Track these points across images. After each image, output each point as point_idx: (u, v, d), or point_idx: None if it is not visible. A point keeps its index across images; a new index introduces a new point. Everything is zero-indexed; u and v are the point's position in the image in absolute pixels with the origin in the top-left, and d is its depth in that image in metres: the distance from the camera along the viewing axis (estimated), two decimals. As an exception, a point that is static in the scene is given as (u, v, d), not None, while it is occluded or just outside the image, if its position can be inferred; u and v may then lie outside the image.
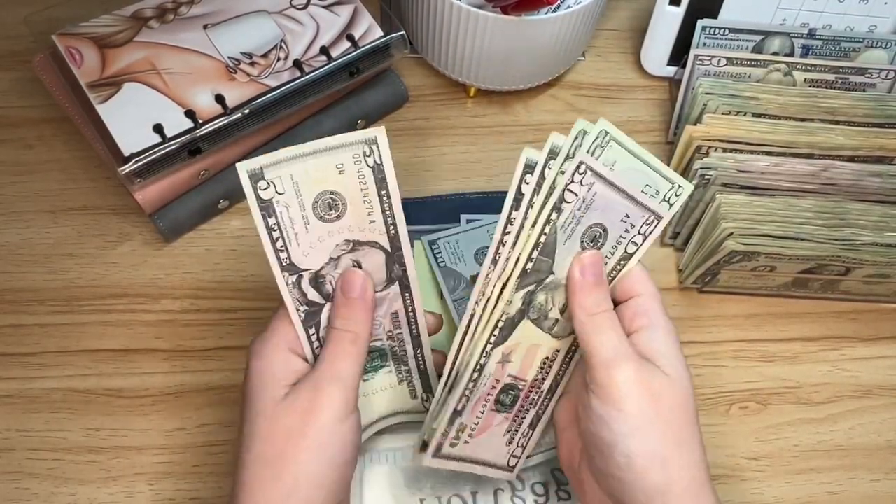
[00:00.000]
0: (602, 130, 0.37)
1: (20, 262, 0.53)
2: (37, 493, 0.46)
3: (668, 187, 0.39)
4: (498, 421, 0.41)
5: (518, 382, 0.41)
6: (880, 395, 0.52)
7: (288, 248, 0.38)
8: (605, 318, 0.37)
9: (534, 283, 0.38)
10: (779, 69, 0.56)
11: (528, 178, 0.37)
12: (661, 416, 0.35)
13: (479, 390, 0.40)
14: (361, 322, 0.39)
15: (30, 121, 0.59)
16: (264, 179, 0.37)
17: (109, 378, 0.50)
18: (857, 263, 0.49)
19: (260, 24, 0.54)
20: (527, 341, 0.40)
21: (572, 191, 0.36)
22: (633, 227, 0.38)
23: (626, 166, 0.38)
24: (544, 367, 0.41)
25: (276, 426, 0.36)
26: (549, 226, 0.37)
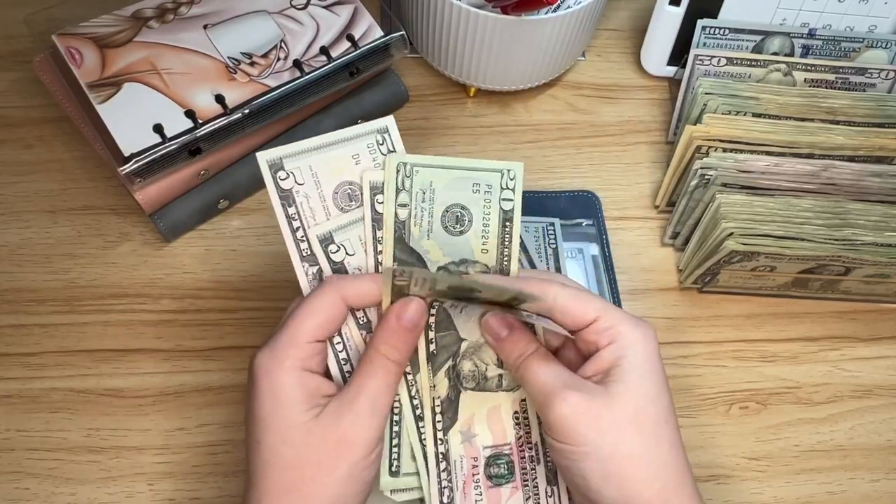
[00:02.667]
0: (399, 164, 0.38)
1: (20, 262, 0.53)
2: (37, 493, 0.46)
3: (497, 177, 0.39)
4: (507, 495, 0.39)
5: (501, 449, 0.39)
6: (880, 395, 0.52)
7: (308, 239, 0.38)
8: (529, 362, 0.37)
9: (449, 358, 0.38)
10: (779, 69, 0.56)
11: (379, 198, 0.38)
12: (605, 437, 0.35)
13: (458, 477, 0.38)
14: (407, 353, 0.37)
15: (30, 121, 0.59)
16: (284, 170, 0.38)
17: (109, 378, 0.50)
18: (857, 263, 0.49)
19: (260, 24, 0.55)
20: (481, 409, 0.39)
21: (417, 293, 0.36)
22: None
23: (445, 182, 0.38)
24: (519, 422, 0.40)
25: (305, 454, 0.35)
26: (434, 308, 0.38)
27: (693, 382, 0.51)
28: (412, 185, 0.38)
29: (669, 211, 0.56)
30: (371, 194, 0.38)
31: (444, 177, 0.38)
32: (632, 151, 0.60)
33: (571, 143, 0.61)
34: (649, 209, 0.58)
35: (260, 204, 0.57)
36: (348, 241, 0.39)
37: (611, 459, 0.35)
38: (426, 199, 0.38)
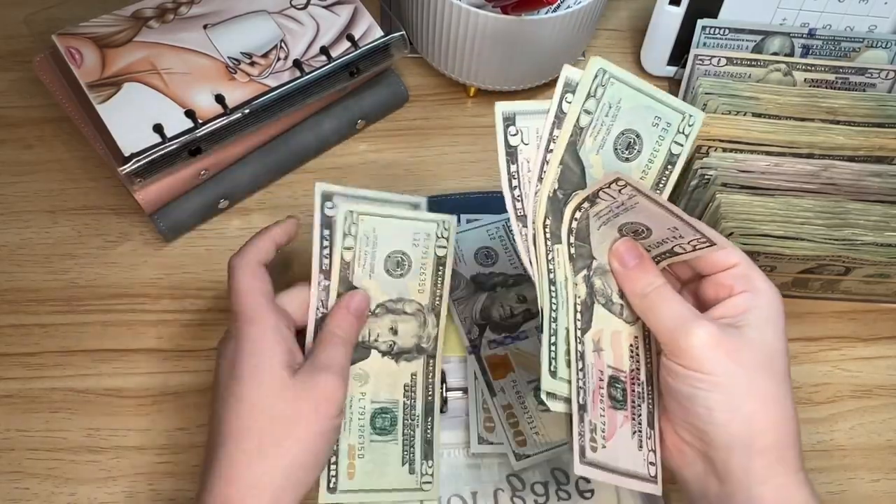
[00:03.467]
0: (599, 69, 0.37)
1: (20, 262, 0.53)
2: (37, 493, 0.46)
3: (678, 118, 0.39)
4: (620, 420, 0.39)
5: (619, 374, 0.39)
6: (880, 395, 0.52)
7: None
8: (660, 293, 0.37)
9: (584, 268, 0.38)
10: (779, 69, 0.56)
11: (568, 97, 0.38)
12: (743, 372, 0.35)
13: (589, 382, 0.38)
14: (355, 335, 0.43)
15: (30, 121, 0.59)
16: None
17: (109, 378, 0.50)
18: (857, 263, 0.49)
19: (260, 24, 0.55)
20: (608, 327, 0.39)
21: (608, 194, 0.36)
22: (681, 238, 0.37)
23: (632, 104, 0.38)
24: (633, 356, 0.40)
25: (284, 408, 0.38)
26: (581, 212, 0.37)
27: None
28: (602, 95, 0.38)
29: (669, 211, 0.56)
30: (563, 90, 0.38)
31: (634, 99, 0.39)
32: (632, 151, 0.60)
33: (571, 143, 0.60)
34: (649, 209, 0.58)
35: (260, 204, 0.57)
36: (527, 128, 0.40)
37: (745, 395, 0.35)
38: (610, 114, 0.38)
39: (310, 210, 0.43)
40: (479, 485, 0.46)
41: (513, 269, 0.52)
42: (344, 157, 0.59)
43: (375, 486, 0.43)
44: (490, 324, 0.50)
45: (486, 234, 0.54)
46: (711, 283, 0.39)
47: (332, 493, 0.42)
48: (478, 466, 0.47)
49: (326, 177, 0.58)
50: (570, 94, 0.38)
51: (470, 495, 0.46)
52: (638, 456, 0.39)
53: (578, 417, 0.37)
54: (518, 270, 0.52)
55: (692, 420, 0.36)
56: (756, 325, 0.36)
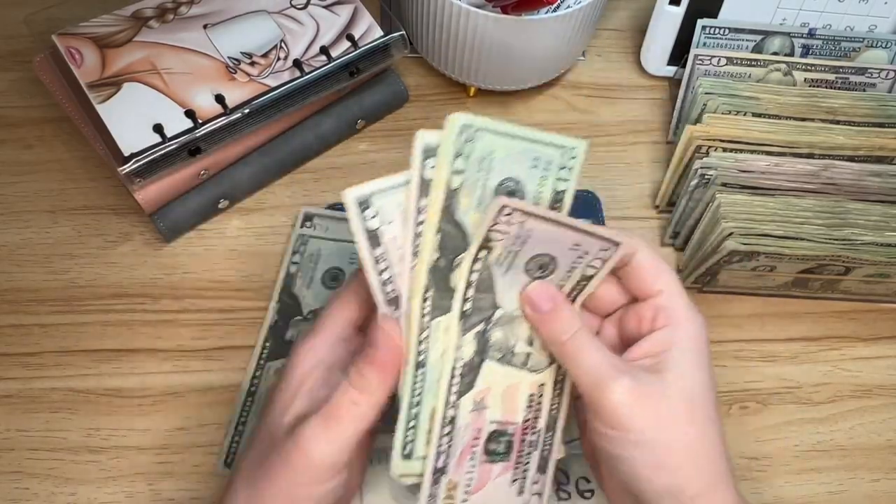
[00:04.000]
0: (462, 126, 0.34)
1: (20, 262, 0.53)
2: (37, 493, 0.46)
3: (558, 154, 0.37)
4: (497, 472, 0.38)
5: (507, 427, 0.38)
6: (880, 395, 0.52)
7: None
8: (576, 343, 0.36)
9: (481, 322, 0.37)
10: (779, 69, 0.56)
11: (430, 163, 0.35)
12: (662, 427, 0.34)
13: (459, 443, 0.37)
14: (376, 383, 0.35)
15: (30, 121, 0.59)
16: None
17: (109, 378, 0.50)
18: (857, 263, 0.49)
19: (260, 24, 0.55)
20: (500, 383, 0.38)
21: (499, 230, 0.34)
22: (586, 254, 0.36)
23: (505, 153, 0.36)
24: (533, 406, 0.39)
25: (267, 452, 0.35)
26: (479, 263, 0.35)
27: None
28: (472, 151, 0.35)
29: (669, 211, 0.56)
30: (423, 156, 0.35)
31: (506, 148, 0.36)
32: (632, 151, 0.60)
33: (571, 143, 0.60)
34: (649, 209, 0.58)
35: (260, 204, 0.57)
36: (388, 205, 0.35)
37: (666, 450, 0.34)
38: (483, 167, 0.36)
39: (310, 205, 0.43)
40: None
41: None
42: (344, 157, 0.59)
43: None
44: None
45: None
46: (634, 313, 0.37)
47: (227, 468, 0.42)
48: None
49: (327, 177, 0.58)
50: (431, 160, 0.35)
51: (470, 495, 0.46)
52: (515, 501, 0.39)
53: (432, 480, 0.36)
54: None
55: (620, 477, 0.36)
56: (676, 366, 0.35)
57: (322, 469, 0.34)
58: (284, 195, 0.57)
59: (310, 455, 0.34)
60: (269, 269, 0.54)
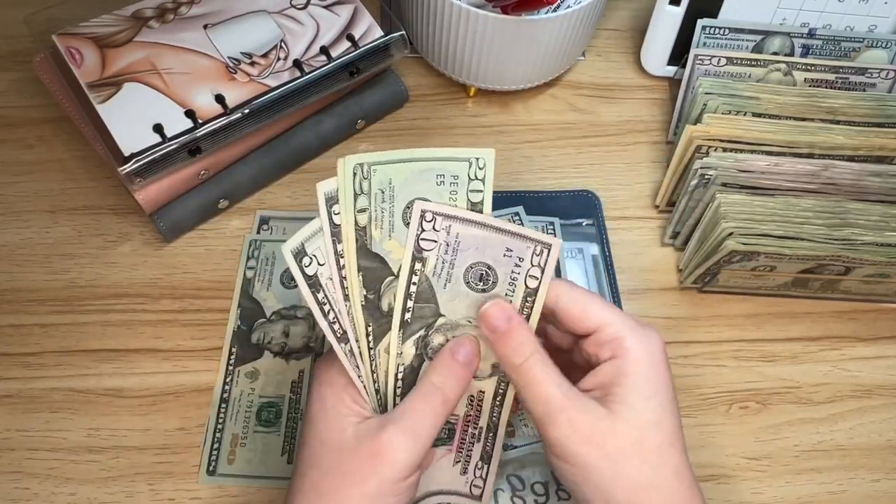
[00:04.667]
0: (356, 166, 0.35)
1: (20, 262, 0.53)
2: (37, 493, 0.46)
3: (465, 167, 0.37)
4: (440, 454, 0.40)
5: (449, 417, 0.39)
6: (880, 395, 0.52)
7: None
8: (529, 368, 0.36)
9: (422, 329, 0.37)
10: (779, 69, 0.56)
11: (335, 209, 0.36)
12: (609, 462, 0.34)
13: None
14: (457, 388, 0.37)
15: (30, 121, 0.59)
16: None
17: (109, 378, 0.50)
18: (857, 263, 0.49)
19: (260, 24, 0.55)
20: None
21: (427, 238, 0.35)
22: (522, 261, 0.36)
23: (404, 177, 0.36)
24: (473, 404, 0.40)
25: (338, 460, 0.35)
26: (417, 276, 0.36)
27: (693, 382, 0.51)
28: (370, 187, 0.36)
29: (669, 211, 0.56)
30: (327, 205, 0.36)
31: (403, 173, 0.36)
32: (632, 151, 0.60)
33: (571, 143, 0.61)
34: (649, 209, 0.58)
35: (260, 204, 0.57)
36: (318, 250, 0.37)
37: (614, 486, 0.34)
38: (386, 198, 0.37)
39: (306, 209, 0.43)
40: (478, 485, 0.46)
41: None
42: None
43: (255, 472, 0.46)
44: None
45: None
46: (581, 348, 0.37)
47: (211, 476, 0.44)
48: (478, 466, 0.47)
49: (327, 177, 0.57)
50: (335, 206, 0.36)
51: (470, 495, 0.46)
52: (460, 479, 0.40)
53: None
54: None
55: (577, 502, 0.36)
56: (624, 398, 0.35)
57: (406, 469, 0.35)
58: (284, 195, 0.57)
59: (396, 457, 0.34)
60: (269, 269, 0.54)
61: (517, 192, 0.57)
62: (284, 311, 0.51)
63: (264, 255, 0.53)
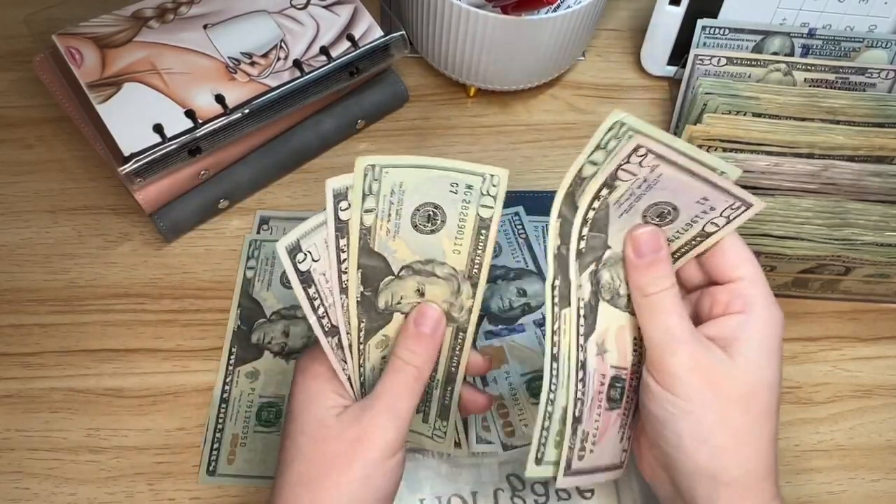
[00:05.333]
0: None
1: (20, 262, 0.53)
2: (37, 493, 0.46)
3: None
4: (613, 420, 0.38)
5: (621, 372, 0.38)
6: (880, 395, 0.52)
7: None
8: (661, 299, 0.36)
9: (593, 262, 0.37)
10: (779, 69, 0.56)
11: (342, 205, 0.36)
12: (718, 404, 0.34)
13: (590, 390, 0.37)
14: (428, 359, 0.37)
15: (30, 121, 0.59)
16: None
17: (109, 378, 0.50)
18: (857, 263, 0.49)
19: (260, 24, 0.55)
20: (613, 325, 0.38)
21: (628, 171, 0.34)
22: (712, 210, 0.36)
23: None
24: (636, 349, 0.39)
25: (321, 449, 0.35)
26: (599, 201, 0.35)
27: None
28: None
29: (669, 211, 0.56)
30: (335, 201, 0.36)
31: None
32: (632, 151, 0.60)
33: (571, 143, 0.60)
34: (649, 209, 0.58)
35: (260, 204, 0.57)
36: (314, 245, 0.37)
37: (713, 428, 0.34)
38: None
39: (306, 209, 0.43)
40: (479, 485, 0.46)
41: (515, 262, 0.52)
42: (344, 157, 0.59)
43: (255, 472, 0.46)
44: (488, 315, 0.50)
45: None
46: (709, 296, 0.37)
47: (211, 476, 0.44)
48: (478, 466, 0.47)
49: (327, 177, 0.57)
50: (343, 202, 0.36)
51: (470, 495, 0.46)
52: (618, 448, 0.39)
53: (571, 431, 0.36)
54: (520, 264, 0.52)
55: (662, 443, 0.35)
56: (746, 354, 0.35)
57: (390, 447, 0.35)
58: (284, 195, 0.57)
59: (378, 437, 0.35)
60: (269, 269, 0.54)
61: (517, 192, 0.57)
62: (284, 311, 0.51)
63: (264, 255, 0.53)
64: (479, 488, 0.46)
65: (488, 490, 0.46)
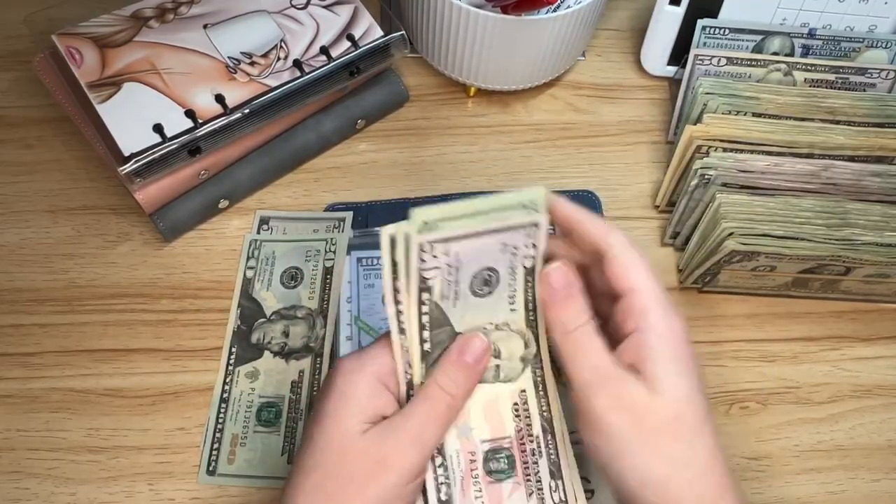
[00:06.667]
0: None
1: (20, 262, 0.53)
2: (37, 493, 0.46)
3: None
4: (509, 490, 0.37)
5: (500, 443, 0.38)
6: (880, 395, 0.52)
7: None
8: (581, 336, 0.35)
9: (443, 353, 0.37)
10: (779, 69, 0.56)
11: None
12: (645, 438, 0.33)
13: (455, 472, 0.37)
14: (465, 389, 0.36)
15: (30, 121, 0.59)
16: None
17: (109, 378, 0.50)
18: (857, 263, 0.49)
19: (260, 23, 0.55)
20: (477, 402, 0.38)
21: (428, 269, 0.34)
22: (516, 249, 0.36)
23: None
24: (518, 414, 0.38)
25: (343, 463, 0.35)
26: (426, 306, 0.35)
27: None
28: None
29: (669, 211, 0.56)
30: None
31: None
32: (632, 151, 0.60)
33: (571, 143, 0.61)
34: (649, 209, 0.58)
35: (260, 204, 0.57)
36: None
37: (651, 463, 0.33)
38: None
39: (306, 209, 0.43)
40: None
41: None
42: (344, 157, 0.59)
43: (255, 472, 0.46)
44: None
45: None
46: (616, 311, 0.36)
47: (210, 476, 0.46)
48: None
49: (327, 177, 0.58)
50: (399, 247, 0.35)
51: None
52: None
53: None
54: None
55: (612, 483, 0.35)
56: (658, 374, 0.34)
57: (409, 475, 0.34)
58: (284, 195, 0.57)
59: (399, 464, 0.34)
60: (269, 269, 0.54)
61: (517, 192, 0.57)
62: (284, 310, 0.51)
63: (264, 255, 0.53)
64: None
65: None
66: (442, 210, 0.34)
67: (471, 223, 0.35)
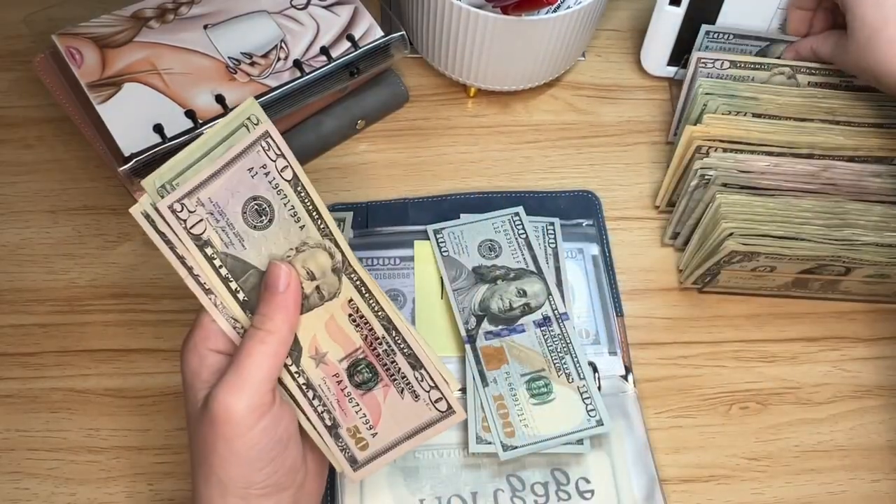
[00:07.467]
0: None
1: (20, 262, 0.53)
2: (37, 493, 0.46)
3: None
4: (381, 395, 0.39)
5: (355, 355, 0.39)
6: (880, 395, 0.52)
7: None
8: None
9: (256, 289, 0.37)
10: (782, 73, 0.56)
11: None
12: None
13: (329, 397, 0.39)
14: (282, 319, 0.36)
15: (30, 121, 0.59)
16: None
17: (109, 378, 0.50)
18: (857, 263, 0.49)
19: (260, 24, 0.55)
20: (317, 328, 0.38)
21: (192, 222, 0.35)
22: (266, 166, 0.36)
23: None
24: (358, 322, 0.39)
25: (196, 434, 0.36)
26: (216, 259, 0.36)
27: (693, 382, 0.51)
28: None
29: (669, 211, 0.56)
30: None
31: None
32: (632, 151, 0.60)
33: (571, 143, 0.61)
34: (649, 209, 0.58)
35: (260, 204, 0.56)
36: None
37: None
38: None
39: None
40: (479, 485, 0.46)
41: (515, 263, 0.52)
42: (344, 157, 0.59)
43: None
44: (488, 315, 0.50)
45: (492, 227, 0.53)
46: None
47: None
48: (478, 466, 0.47)
49: (327, 177, 0.58)
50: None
51: (470, 495, 0.46)
52: (418, 406, 0.39)
53: (334, 439, 0.39)
54: (520, 265, 0.52)
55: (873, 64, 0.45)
56: None
57: (246, 420, 0.35)
58: (284, 195, 0.57)
59: (230, 415, 0.35)
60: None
61: (517, 192, 0.57)
62: None
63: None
64: (479, 488, 0.46)
65: (488, 490, 0.46)
66: (171, 166, 0.36)
67: (205, 166, 0.35)
